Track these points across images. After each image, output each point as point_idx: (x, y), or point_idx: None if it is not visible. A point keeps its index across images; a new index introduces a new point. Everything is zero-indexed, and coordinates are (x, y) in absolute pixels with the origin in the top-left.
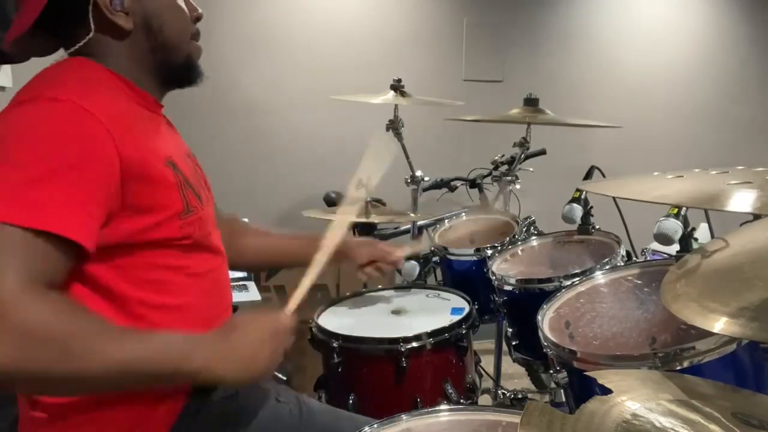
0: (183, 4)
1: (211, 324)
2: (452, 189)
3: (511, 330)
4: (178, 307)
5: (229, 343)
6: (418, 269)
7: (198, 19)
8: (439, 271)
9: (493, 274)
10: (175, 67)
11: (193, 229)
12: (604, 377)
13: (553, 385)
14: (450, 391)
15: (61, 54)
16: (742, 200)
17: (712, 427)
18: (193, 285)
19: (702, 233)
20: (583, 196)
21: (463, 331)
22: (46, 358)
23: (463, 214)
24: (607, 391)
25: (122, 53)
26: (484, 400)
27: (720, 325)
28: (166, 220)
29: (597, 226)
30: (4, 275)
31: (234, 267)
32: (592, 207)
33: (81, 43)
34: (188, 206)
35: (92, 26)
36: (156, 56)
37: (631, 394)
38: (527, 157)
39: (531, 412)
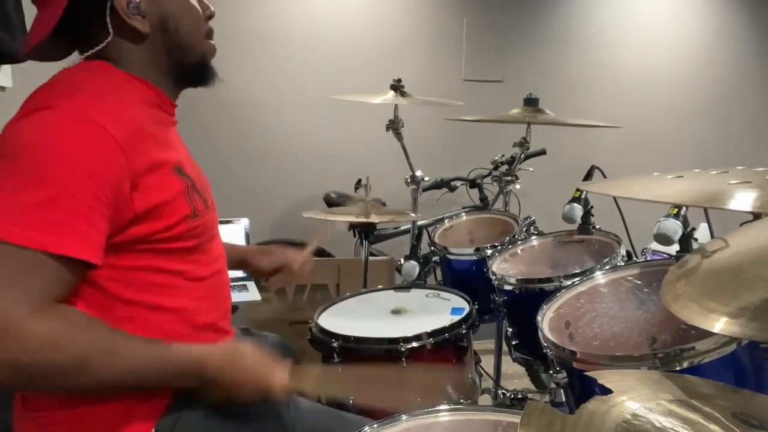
0: (196, 3)
1: (207, 328)
2: (452, 189)
3: (511, 330)
4: (176, 310)
5: (234, 372)
6: (418, 269)
7: (210, 17)
8: (439, 271)
9: (493, 273)
10: (190, 66)
11: (197, 233)
12: (604, 377)
13: (553, 385)
14: (450, 391)
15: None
16: (742, 200)
17: (712, 427)
18: (192, 289)
19: (702, 233)
20: (583, 196)
21: (463, 331)
22: (64, 374)
23: (463, 214)
24: (607, 391)
25: (139, 55)
26: (484, 400)
27: (720, 325)
28: (173, 226)
29: (597, 226)
30: (19, 299)
31: None
32: (592, 207)
33: (99, 47)
34: (195, 211)
35: (111, 30)
36: (172, 56)
37: (631, 394)
38: (527, 157)
39: (531, 412)
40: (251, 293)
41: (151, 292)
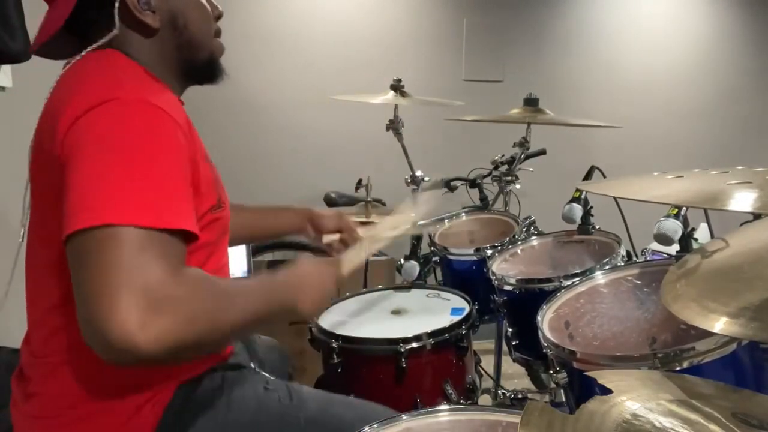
0: (206, 2)
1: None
2: (452, 189)
3: (511, 330)
4: None
5: (303, 283)
6: (418, 269)
7: (219, 17)
8: (439, 271)
9: (493, 274)
10: (199, 64)
11: (219, 225)
12: (604, 377)
13: (553, 385)
14: (450, 391)
15: None
16: (742, 200)
17: (712, 427)
18: None
19: (702, 233)
20: (583, 196)
21: (463, 331)
22: (209, 318)
23: (463, 214)
24: (607, 391)
25: (149, 51)
26: (484, 400)
27: (720, 325)
28: (204, 215)
29: (597, 226)
30: (156, 268)
31: None
32: (592, 207)
33: (105, 40)
34: (220, 201)
35: (117, 23)
36: (182, 53)
37: (631, 394)
38: (527, 157)
39: (531, 412)
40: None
41: None
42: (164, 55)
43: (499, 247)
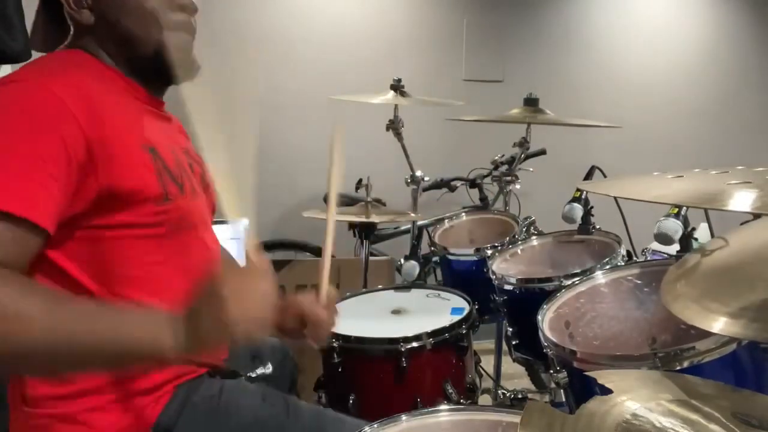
0: None
1: None
2: (452, 189)
3: (511, 330)
4: (156, 301)
5: (198, 324)
6: (418, 269)
7: (182, 7)
8: (439, 271)
9: (493, 273)
10: (145, 58)
11: (168, 217)
12: (604, 377)
13: (553, 385)
14: (450, 391)
15: None
16: (742, 200)
17: (712, 426)
18: (175, 281)
19: (702, 233)
20: (583, 196)
21: (463, 331)
22: (8, 331)
23: (463, 214)
24: (607, 391)
25: (99, 46)
26: (484, 400)
27: (720, 325)
28: (139, 203)
29: (597, 226)
30: None
31: None
32: (592, 207)
33: (68, 41)
34: (167, 194)
35: (69, 21)
36: (122, 49)
37: (631, 394)
38: (527, 157)
39: (531, 412)
40: None
41: (129, 286)
42: (111, 50)
43: (499, 247)
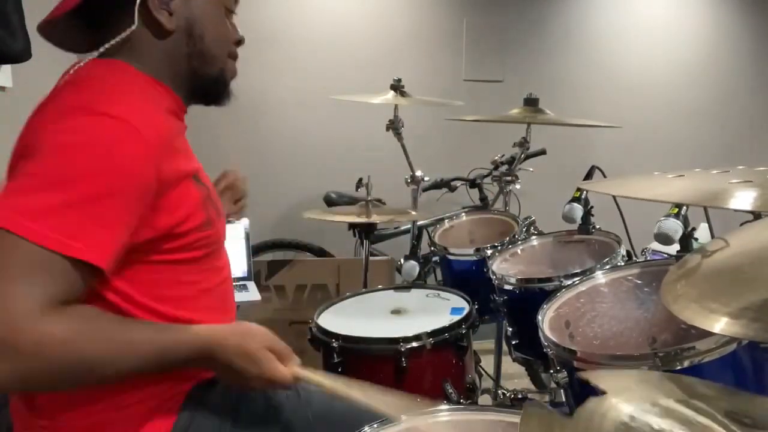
0: (224, 20)
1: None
2: (452, 189)
3: (511, 330)
4: (189, 321)
5: (240, 353)
6: (418, 269)
7: (239, 42)
8: (439, 271)
9: (493, 273)
10: (208, 78)
11: (209, 242)
12: (601, 378)
13: (553, 385)
14: (450, 391)
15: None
16: (743, 198)
17: (712, 427)
18: (202, 300)
19: (702, 233)
20: (583, 196)
21: (463, 331)
22: (71, 375)
23: (463, 214)
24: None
25: (158, 54)
26: (484, 400)
27: (720, 325)
28: (187, 234)
29: (597, 226)
30: (30, 294)
31: None
32: (592, 207)
33: (122, 36)
34: (209, 220)
35: (136, 19)
36: (192, 62)
37: (629, 395)
38: (527, 157)
39: (529, 414)
40: (251, 293)
41: (165, 304)
42: (172, 60)
43: (499, 247)
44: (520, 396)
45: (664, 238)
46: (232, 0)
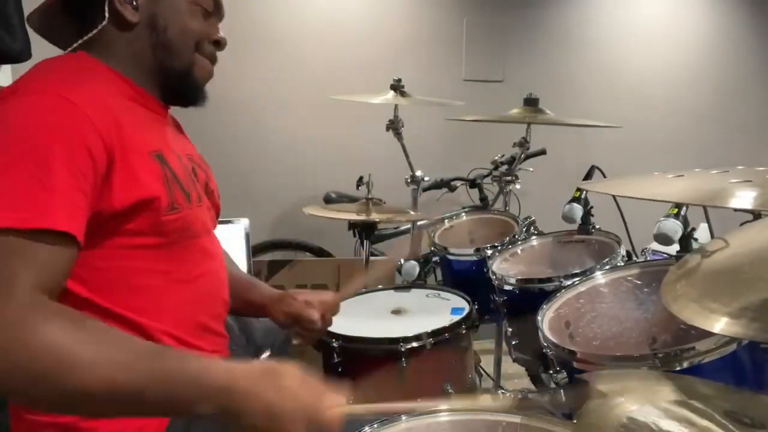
0: (197, 17)
1: (195, 332)
2: (452, 189)
3: (511, 330)
4: (158, 312)
5: (268, 397)
6: (418, 269)
7: (217, 42)
8: (439, 271)
9: (493, 273)
10: (174, 71)
11: (175, 227)
12: (603, 378)
13: (553, 385)
14: (450, 391)
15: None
16: (743, 197)
17: (712, 427)
18: (176, 292)
19: (702, 233)
20: (583, 196)
21: (463, 331)
22: (49, 376)
23: (463, 214)
24: None
25: (123, 46)
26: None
27: (720, 325)
28: (146, 213)
29: (597, 226)
30: (15, 285)
31: None
32: (592, 207)
33: (94, 32)
34: (173, 203)
35: (106, 14)
36: (156, 55)
37: (631, 395)
38: (527, 157)
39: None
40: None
41: (130, 295)
42: (137, 53)
43: (499, 247)
44: (520, 396)
45: (664, 239)
46: (209, 1)
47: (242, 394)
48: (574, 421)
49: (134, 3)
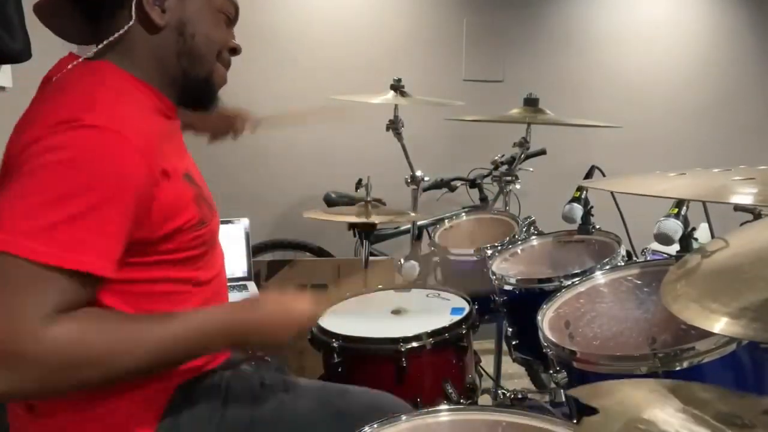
0: (221, 25)
1: None
2: (452, 189)
3: (511, 330)
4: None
5: (260, 318)
6: (418, 269)
7: (234, 50)
8: (439, 271)
9: (493, 273)
10: (196, 78)
11: (205, 240)
12: (597, 389)
13: (553, 385)
14: (450, 391)
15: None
16: (745, 194)
17: (706, 429)
18: (196, 294)
19: (702, 233)
20: (583, 196)
21: (463, 331)
22: (90, 371)
23: (463, 214)
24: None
25: (148, 51)
26: (484, 400)
27: (720, 325)
28: (181, 234)
29: (597, 226)
30: (26, 315)
31: None
32: (592, 207)
33: (120, 33)
34: (202, 219)
35: (133, 14)
36: (180, 61)
37: (632, 402)
38: (527, 157)
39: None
40: (251, 293)
41: (159, 302)
42: (163, 58)
43: (499, 247)
44: (520, 396)
45: (664, 239)
46: (232, 8)
47: (241, 326)
48: (574, 421)
49: (163, 6)
